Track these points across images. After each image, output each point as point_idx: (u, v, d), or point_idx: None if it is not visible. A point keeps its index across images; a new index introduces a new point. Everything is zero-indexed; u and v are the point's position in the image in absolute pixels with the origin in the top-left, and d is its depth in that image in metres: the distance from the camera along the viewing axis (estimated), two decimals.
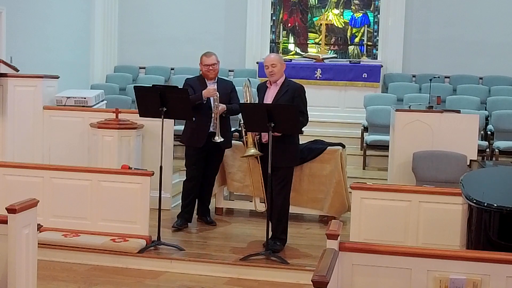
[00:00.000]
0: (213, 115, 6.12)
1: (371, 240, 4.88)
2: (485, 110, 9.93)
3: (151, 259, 5.49)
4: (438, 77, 9.90)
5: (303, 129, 5.69)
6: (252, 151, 5.72)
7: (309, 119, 5.73)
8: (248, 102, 5.99)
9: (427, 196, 5.11)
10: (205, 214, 6.65)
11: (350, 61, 11.30)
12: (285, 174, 5.71)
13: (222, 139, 6.13)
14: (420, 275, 3.36)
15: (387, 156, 7.68)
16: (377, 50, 11.65)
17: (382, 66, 10.95)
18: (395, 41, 11.22)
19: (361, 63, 11.08)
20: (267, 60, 5.79)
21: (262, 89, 5.89)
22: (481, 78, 11.03)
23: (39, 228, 4.31)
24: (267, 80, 5.87)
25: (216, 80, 6.32)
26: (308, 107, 5.74)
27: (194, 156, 6.34)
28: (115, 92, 10.81)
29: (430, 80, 8.68)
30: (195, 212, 6.61)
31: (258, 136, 5.77)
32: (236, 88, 6.57)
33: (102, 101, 7.98)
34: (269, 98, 5.73)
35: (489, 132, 9.30)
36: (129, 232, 5.72)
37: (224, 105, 6.17)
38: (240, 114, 5.75)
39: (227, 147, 6.46)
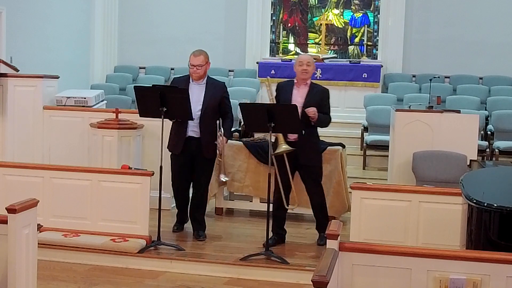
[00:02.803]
0: (217, 152, 5.99)
1: (371, 240, 4.87)
2: (485, 110, 9.93)
3: (151, 259, 5.48)
4: (438, 77, 9.89)
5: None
6: (284, 147, 5.63)
7: None
8: (272, 99, 5.82)
9: (427, 196, 5.11)
10: (197, 228, 6.13)
11: (350, 61, 11.30)
12: (317, 171, 5.89)
13: (227, 178, 6.32)
14: (420, 275, 3.35)
15: (387, 156, 7.67)
16: (377, 50, 11.65)
17: (382, 66, 10.96)
18: (395, 41, 11.22)
19: (361, 63, 11.08)
20: (304, 58, 5.77)
21: (286, 88, 5.78)
22: (481, 78, 11.03)
23: (39, 228, 4.32)
24: (289, 80, 5.84)
25: (205, 82, 5.96)
26: None
27: (174, 161, 6.09)
28: (115, 92, 10.82)
29: (430, 80, 8.67)
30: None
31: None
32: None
33: (102, 101, 7.98)
34: (299, 98, 5.68)
35: (489, 132, 9.31)
36: (129, 232, 5.72)
37: (226, 138, 5.96)
38: (241, 114, 5.73)
39: (212, 156, 6.03)
